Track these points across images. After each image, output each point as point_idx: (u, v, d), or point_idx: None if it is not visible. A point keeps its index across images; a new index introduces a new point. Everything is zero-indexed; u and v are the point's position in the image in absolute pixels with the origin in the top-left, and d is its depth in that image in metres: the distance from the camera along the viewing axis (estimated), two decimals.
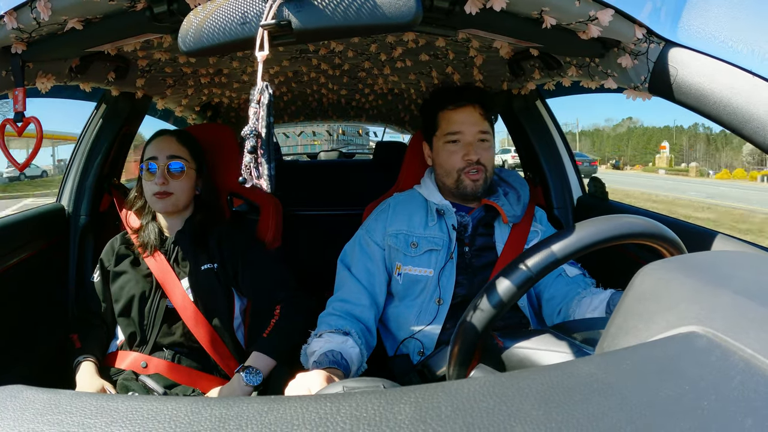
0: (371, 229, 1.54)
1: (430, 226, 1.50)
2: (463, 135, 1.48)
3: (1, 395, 0.42)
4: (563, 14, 1.00)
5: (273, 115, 0.69)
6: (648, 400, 0.36)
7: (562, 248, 0.71)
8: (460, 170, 1.48)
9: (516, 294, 0.72)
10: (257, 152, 0.68)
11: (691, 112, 0.98)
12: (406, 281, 1.47)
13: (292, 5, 0.73)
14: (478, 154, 1.47)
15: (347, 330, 1.29)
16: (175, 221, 1.65)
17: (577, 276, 1.40)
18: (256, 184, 0.69)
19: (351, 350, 1.21)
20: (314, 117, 3.84)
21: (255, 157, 0.68)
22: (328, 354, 1.15)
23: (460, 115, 1.50)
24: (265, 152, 0.68)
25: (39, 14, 1.00)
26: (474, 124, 1.49)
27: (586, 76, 1.32)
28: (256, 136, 0.68)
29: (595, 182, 1.91)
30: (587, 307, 1.24)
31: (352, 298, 1.42)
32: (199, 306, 1.55)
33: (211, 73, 2.00)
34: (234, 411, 0.38)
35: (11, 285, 1.60)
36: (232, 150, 1.90)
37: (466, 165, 1.47)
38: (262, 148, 0.68)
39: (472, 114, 1.49)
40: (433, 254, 1.47)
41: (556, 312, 1.38)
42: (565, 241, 0.71)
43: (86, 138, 1.99)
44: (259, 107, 0.68)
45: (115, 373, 1.52)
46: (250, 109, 0.68)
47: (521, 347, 0.78)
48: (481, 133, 1.49)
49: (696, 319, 0.45)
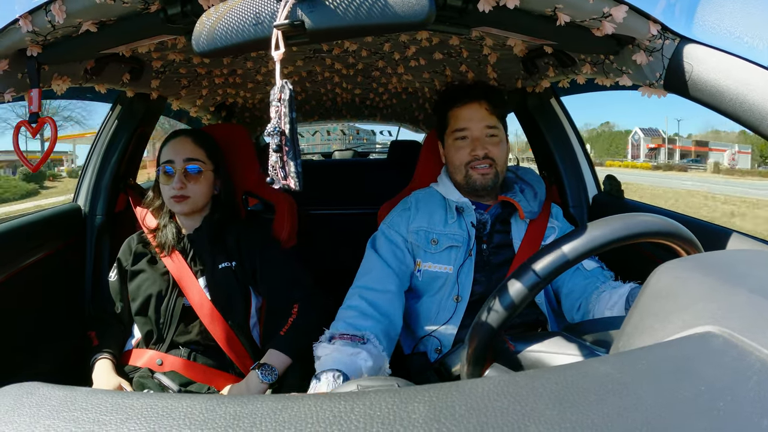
0: (395, 224, 1.54)
1: (450, 224, 1.50)
2: (470, 131, 1.50)
3: (18, 392, 0.42)
4: (577, 11, 1.00)
5: (295, 110, 0.69)
6: (663, 400, 0.36)
7: (575, 248, 0.70)
8: (467, 164, 1.50)
9: (528, 295, 0.72)
10: (282, 150, 0.68)
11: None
12: (426, 278, 1.48)
13: (305, 5, 0.73)
14: (486, 148, 1.48)
15: (364, 335, 1.22)
16: (192, 220, 1.66)
17: (595, 269, 1.40)
18: (283, 185, 0.69)
19: (362, 364, 1.12)
20: (328, 116, 3.84)
21: (281, 156, 0.68)
22: (330, 374, 1.05)
23: (466, 112, 1.52)
24: (290, 149, 0.68)
25: (54, 17, 1.01)
26: (480, 119, 1.50)
27: (600, 73, 1.31)
28: (280, 133, 0.67)
29: (611, 180, 1.90)
30: (606, 303, 1.23)
31: (378, 285, 1.39)
32: (216, 304, 1.56)
33: (225, 73, 2.01)
34: (248, 409, 0.38)
35: (29, 284, 1.62)
36: (247, 150, 1.91)
37: (473, 159, 1.49)
38: (287, 146, 0.68)
39: (479, 110, 1.51)
40: (452, 251, 1.47)
41: (576, 307, 1.37)
42: (578, 240, 0.70)
43: (102, 139, 2.01)
44: (281, 104, 0.68)
45: (131, 371, 1.54)
46: (272, 108, 0.68)
47: (533, 350, 0.77)
48: (488, 128, 1.50)
49: (712, 319, 0.45)
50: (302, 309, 1.55)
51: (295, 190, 0.68)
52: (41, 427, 0.37)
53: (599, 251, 0.70)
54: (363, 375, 1.11)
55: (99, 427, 0.37)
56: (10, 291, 1.52)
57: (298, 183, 0.68)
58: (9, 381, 0.46)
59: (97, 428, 0.37)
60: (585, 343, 0.76)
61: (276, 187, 0.69)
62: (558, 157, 1.99)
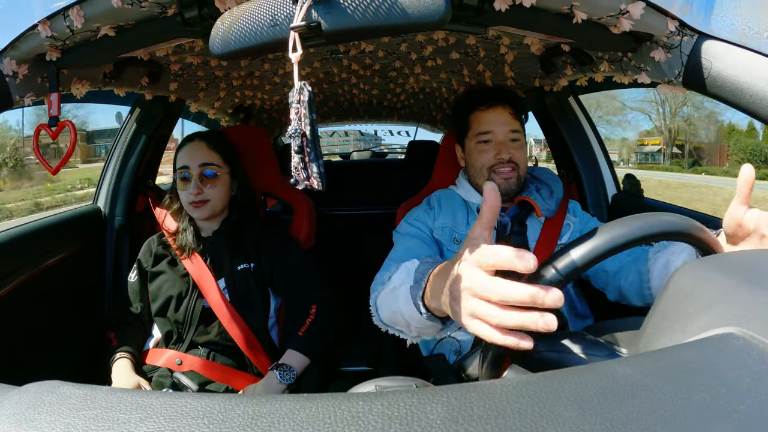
0: (421, 219, 1.53)
1: (471, 224, 1.48)
2: (494, 134, 1.50)
3: (39, 390, 0.43)
4: (594, 8, 0.99)
5: (315, 111, 0.69)
6: (683, 403, 0.36)
7: (589, 251, 0.68)
8: (490, 168, 1.49)
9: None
10: (304, 152, 0.68)
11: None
12: None
13: (321, 7, 0.73)
14: (510, 153, 1.48)
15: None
16: (211, 223, 1.67)
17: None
18: (306, 186, 0.69)
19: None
20: (346, 117, 3.85)
21: (302, 158, 0.68)
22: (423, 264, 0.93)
23: (490, 115, 1.51)
24: (312, 150, 0.68)
25: (72, 22, 1.02)
26: (504, 123, 1.50)
27: (618, 71, 1.30)
28: (302, 135, 0.67)
29: (630, 180, 1.88)
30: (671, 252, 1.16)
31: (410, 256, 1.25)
32: (235, 306, 1.57)
33: (242, 75, 2.02)
34: (266, 408, 0.39)
35: (50, 283, 1.64)
36: (265, 151, 1.92)
37: (497, 162, 1.48)
38: (308, 147, 0.68)
39: (503, 114, 1.51)
40: None
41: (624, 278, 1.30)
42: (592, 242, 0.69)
43: (121, 141, 2.04)
44: (300, 106, 0.68)
45: (150, 370, 1.55)
46: (291, 110, 0.68)
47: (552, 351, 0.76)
48: (512, 132, 1.50)
49: (733, 320, 0.44)
50: (320, 310, 1.56)
51: (318, 191, 0.68)
52: (61, 426, 0.38)
53: (615, 252, 0.69)
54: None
55: (118, 426, 0.38)
56: (32, 290, 1.55)
57: (321, 183, 0.68)
58: (29, 379, 0.47)
59: (116, 427, 0.38)
60: (605, 344, 0.75)
61: (299, 188, 0.69)
62: (577, 156, 1.98)
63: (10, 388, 0.46)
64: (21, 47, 1.11)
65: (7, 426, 0.39)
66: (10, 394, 0.44)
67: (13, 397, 0.43)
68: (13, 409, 0.41)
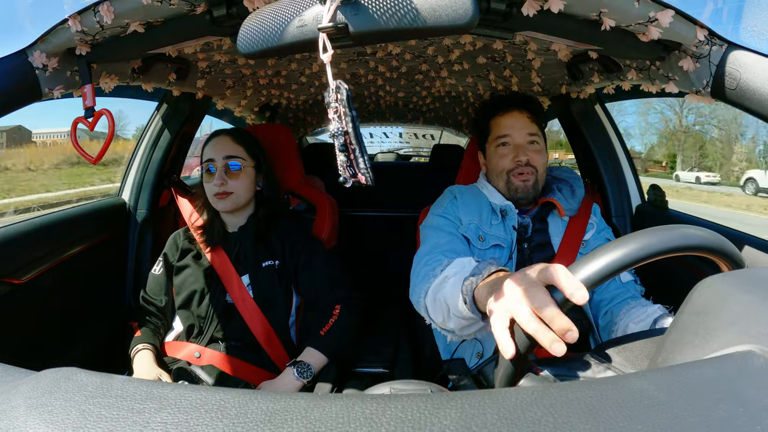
0: (448, 211, 1.53)
1: (494, 225, 1.50)
2: (512, 138, 1.53)
3: (56, 376, 0.44)
4: (622, 15, 0.98)
5: (354, 108, 0.70)
6: (699, 420, 0.35)
7: (611, 263, 0.67)
8: (509, 171, 1.52)
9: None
10: (348, 149, 0.68)
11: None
12: None
13: (349, 8, 0.73)
14: (528, 156, 1.50)
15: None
16: (237, 218, 1.69)
17: (629, 282, 1.39)
18: (354, 182, 0.70)
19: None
20: (371, 119, 3.86)
21: (348, 155, 0.68)
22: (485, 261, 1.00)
23: (508, 119, 1.55)
24: (357, 147, 0.69)
25: (102, 18, 1.04)
26: (522, 127, 1.53)
27: (646, 79, 1.28)
28: (344, 133, 0.68)
29: (655, 190, 1.84)
30: (634, 318, 1.22)
31: (447, 247, 1.37)
32: (258, 302, 1.58)
33: (269, 74, 2.04)
34: (281, 405, 0.39)
35: (74, 271, 1.68)
36: (290, 150, 1.93)
37: (516, 166, 1.50)
38: (353, 144, 0.68)
39: (520, 118, 1.54)
40: (497, 250, 1.46)
41: (602, 313, 1.37)
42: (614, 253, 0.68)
43: (148, 136, 2.07)
44: (339, 105, 0.68)
45: (169, 362, 1.57)
46: (330, 110, 0.69)
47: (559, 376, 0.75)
48: (529, 135, 1.53)
49: (753, 338, 0.43)
50: (344, 311, 1.57)
51: (367, 185, 0.69)
52: (76, 412, 0.39)
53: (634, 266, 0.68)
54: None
55: (133, 415, 0.38)
56: (56, 278, 1.58)
57: (369, 178, 0.69)
58: (48, 365, 0.48)
59: (131, 415, 0.38)
60: (615, 368, 0.74)
61: (347, 185, 0.70)
62: (601, 165, 1.95)
63: (27, 372, 0.47)
64: (51, 41, 1.13)
65: (23, 410, 0.39)
66: (27, 379, 0.44)
67: (30, 382, 0.43)
68: (29, 394, 0.41)
